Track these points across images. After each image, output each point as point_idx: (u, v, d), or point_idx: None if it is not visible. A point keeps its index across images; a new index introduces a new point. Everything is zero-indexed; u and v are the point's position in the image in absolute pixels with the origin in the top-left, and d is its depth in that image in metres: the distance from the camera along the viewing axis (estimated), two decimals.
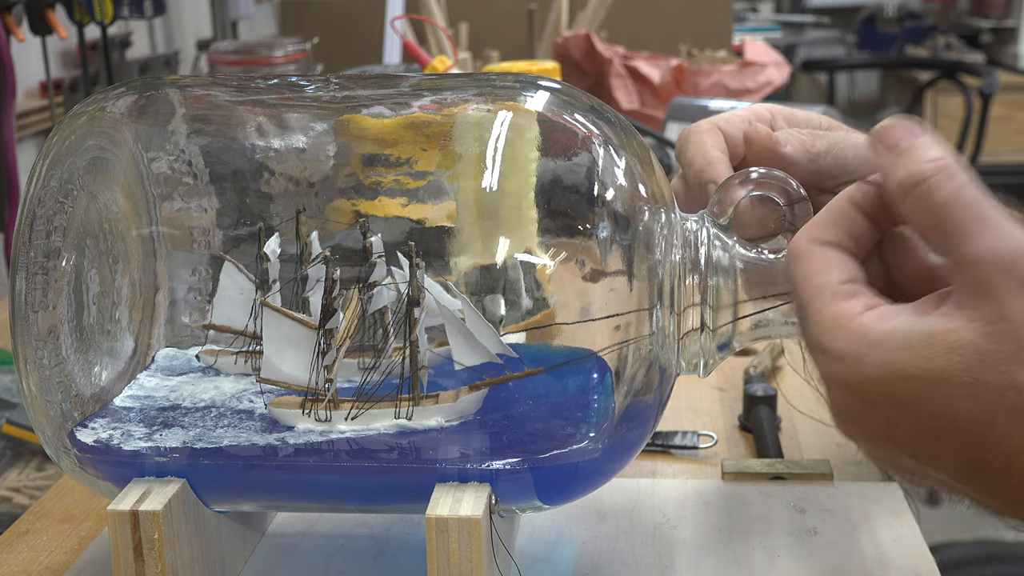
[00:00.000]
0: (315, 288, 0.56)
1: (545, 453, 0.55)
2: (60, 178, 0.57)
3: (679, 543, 0.64)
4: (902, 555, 0.62)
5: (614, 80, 1.64)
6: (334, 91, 0.62)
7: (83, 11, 1.39)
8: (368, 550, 0.64)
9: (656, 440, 0.76)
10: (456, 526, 0.52)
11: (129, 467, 0.56)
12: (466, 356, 0.55)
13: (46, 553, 0.65)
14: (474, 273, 0.56)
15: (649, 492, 0.70)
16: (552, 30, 1.79)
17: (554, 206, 0.56)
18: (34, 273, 0.56)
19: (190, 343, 0.61)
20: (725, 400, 0.84)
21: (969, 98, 3.28)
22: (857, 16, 4.86)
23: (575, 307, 0.55)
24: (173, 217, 0.61)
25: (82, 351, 0.58)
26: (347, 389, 0.57)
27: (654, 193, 0.56)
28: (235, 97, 0.63)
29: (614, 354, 0.54)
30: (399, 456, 0.55)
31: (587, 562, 0.63)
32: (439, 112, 0.60)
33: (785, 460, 0.73)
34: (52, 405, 0.57)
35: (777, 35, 3.72)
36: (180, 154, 0.60)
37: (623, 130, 0.57)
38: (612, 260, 0.54)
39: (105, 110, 0.60)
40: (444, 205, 0.58)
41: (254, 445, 0.56)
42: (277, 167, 0.59)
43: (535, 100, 0.58)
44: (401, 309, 0.55)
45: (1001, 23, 4.67)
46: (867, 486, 0.69)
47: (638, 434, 0.56)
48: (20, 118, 1.39)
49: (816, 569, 0.61)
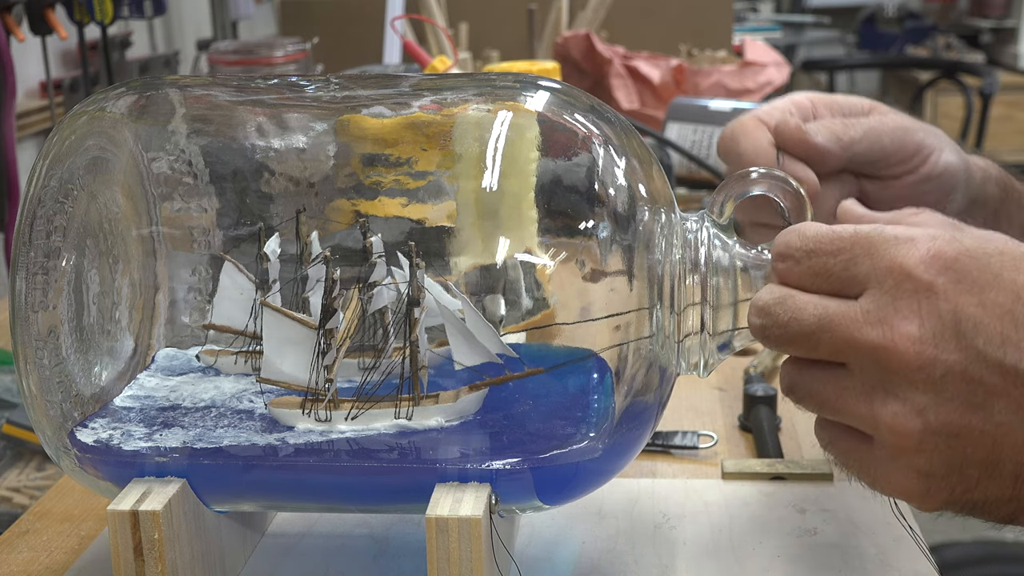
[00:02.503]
0: (315, 288, 0.56)
1: (545, 453, 0.55)
2: (60, 178, 0.57)
3: (679, 543, 0.64)
4: (902, 555, 0.62)
5: (614, 80, 1.64)
6: (334, 91, 0.62)
7: (83, 11, 1.39)
8: (368, 550, 0.64)
9: (656, 440, 0.76)
10: (456, 526, 0.52)
11: (129, 467, 0.56)
12: (466, 356, 0.55)
13: (46, 553, 0.65)
14: (474, 273, 0.56)
15: (649, 492, 0.70)
16: (552, 30, 1.79)
17: (554, 206, 0.56)
18: (34, 273, 0.56)
19: (190, 343, 0.61)
20: (725, 400, 0.84)
21: (969, 98, 3.28)
22: (857, 16, 4.86)
23: (575, 307, 0.55)
24: (173, 217, 0.61)
25: (82, 351, 0.58)
26: (347, 389, 0.57)
27: (654, 193, 0.56)
28: (235, 97, 0.63)
29: (614, 354, 0.54)
30: (399, 456, 0.55)
31: (587, 562, 0.63)
32: (439, 112, 0.60)
33: (785, 460, 0.72)
34: (52, 405, 0.57)
35: (777, 35, 3.73)
36: (180, 154, 0.60)
37: (623, 130, 0.57)
38: (612, 260, 0.54)
39: (105, 110, 0.60)
40: (444, 205, 0.58)
41: (254, 445, 0.56)
42: (277, 167, 0.59)
43: (535, 100, 0.58)
44: (401, 309, 0.55)
45: (1001, 23, 4.67)
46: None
47: (638, 434, 0.56)
48: (20, 118, 1.39)
49: (816, 569, 0.61)
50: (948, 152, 0.63)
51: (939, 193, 0.63)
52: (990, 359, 0.44)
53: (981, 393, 0.44)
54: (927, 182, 0.63)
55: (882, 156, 0.61)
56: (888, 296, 0.45)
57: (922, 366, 0.45)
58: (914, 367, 0.45)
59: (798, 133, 0.60)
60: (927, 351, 0.45)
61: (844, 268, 0.47)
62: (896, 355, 0.45)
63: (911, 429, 0.45)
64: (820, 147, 0.60)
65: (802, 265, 0.48)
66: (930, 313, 0.45)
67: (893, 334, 0.45)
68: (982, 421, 0.45)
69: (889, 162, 0.62)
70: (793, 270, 0.49)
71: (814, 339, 0.47)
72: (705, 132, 1.36)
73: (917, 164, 0.62)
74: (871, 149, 0.61)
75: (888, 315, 0.45)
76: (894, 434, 0.46)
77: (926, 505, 0.48)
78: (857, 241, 0.47)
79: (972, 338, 0.44)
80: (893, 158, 0.62)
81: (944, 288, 0.45)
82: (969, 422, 0.45)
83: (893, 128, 0.62)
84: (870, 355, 0.46)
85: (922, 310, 0.45)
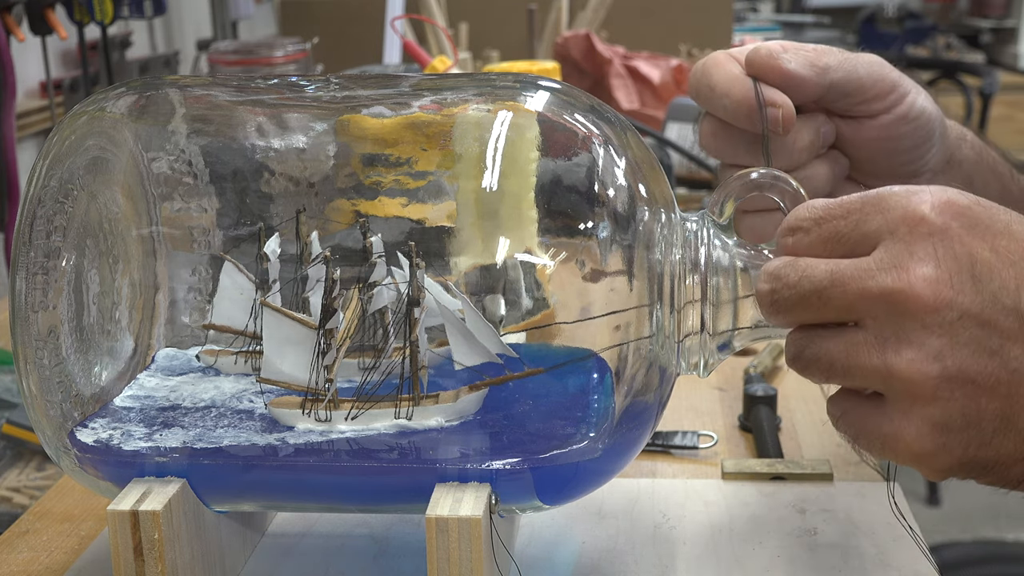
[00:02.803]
0: (315, 288, 0.56)
1: (545, 453, 0.55)
2: (60, 178, 0.57)
3: (679, 543, 0.64)
4: (902, 555, 0.62)
5: (614, 80, 1.64)
6: (334, 91, 0.62)
7: (83, 11, 1.39)
8: (368, 550, 0.64)
9: (656, 440, 0.76)
10: (456, 526, 0.52)
11: (129, 467, 0.56)
12: (466, 356, 0.55)
13: (46, 553, 0.65)
14: (474, 273, 0.56)
15: (649, 492, 0.70)
16: (552, 30, 1.79)
17: (554, 206, 0.56)
18: (34, 273, 0.56)
19: (190, 343, 0.61)
20: (725, 400, 0.84)
21: (969, 98, 3.28)
22: (857, 16, 4.86)
23: (575, 307, 0.55)
24: (173, 217, 0.61)
25: (82, 351, 0.58)
26: (347, 389, 0.57)
27: (654, 193, 0.56)
28: (235, 97, 0.63)
29: (614, 354, 0.54)
30: (399, 456, 0.55)
31: (587, 562, 0.63)
32: (439, 112, 0.60)
33: (785, 460, 0.72)
34: (52, 405, 0.57)
35: (777, 35, 3.72)
36: (180, 154, 0.60)
37: (623, 130, 0.57)
38: (612, 260, 0.54)
39: (105, 110, 0.60)
40: (444, 205, 0.58)
41: (254, 445, 0.56)
42: (277, 167, 0.59)
43: (535, 100, 0.58)
44: (401, 309, 0.55)
45: (1001, 23, 4.67)
46: (867, 486, 0.69)
47: (638, 434, 0.56)
48: (20, 118, 1.39)
49: (816, 569, 0.61)
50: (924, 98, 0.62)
51: (916, 138, 0.61)
52: (1006, 304, 0.44)
53: (996, 338, 0.44)
54: (904, 123, 0.61)
55: (858, 88, 0.59)
56: (903, 243, 0.45)
57: (938, 307, 0.44)
58: (931, 308, 0.44)
59: (771, 60, 0.58)
60: (944, 292, 0.44)
61: (855, 227, 0.47)
62: (913, 297, 0.44)
63: (927, 375, 0.45)
64: (794, 73, 0.58)
65: (812, 234, 0.48)
66: (946, 255, 0.44)
67: (909, 276, 0.45)
68: (998, 368, 0.44)
69: (866, 95, 0.60)
70: (803, 241, 0.48)
71: (825, 296, 0.46)
72: None
73: (894, 102, 0.60)
74: (847, 79, 0.59)
75: (903, 259, 0.45)
76: (909, 382, 0.45)
77: (939, 463, 0.46)
78: (867, 200, 0.47)
79: (987, 282, 0.44)
80: (870, 91, 0.60)
81: (959, 232, 0.45)
82: (985, 367, 0.44)
83: (869, 61, 0.60)
84: (884, 302, 0.45)
85: (938, 252, 0.45)
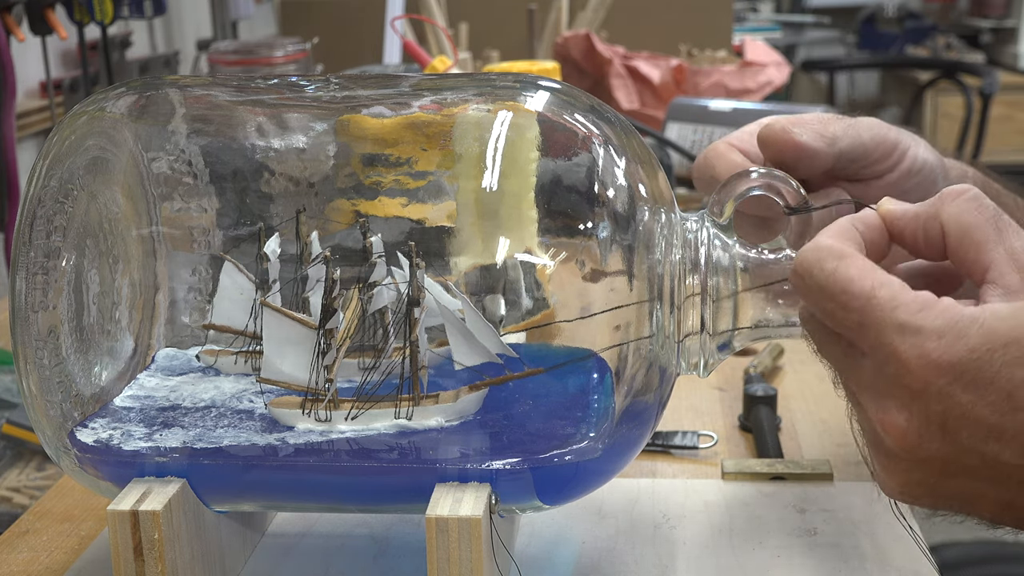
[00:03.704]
0: (315, 288, 0.56)
1: (545, 453, 0.55)
2: (60, 178, 0.57)
3: (679, 543, 0.64)
4: (902, 555, 0.62)
5: (614, 80, 1.64)
6: (334, 91, 0.62)
7: (83, 11, 1.39)
8: (368, 550, 0.64)
9: (656, 440, 0.76)
10: (456, 526, 0.52)
11: (129, 467, 0.56)
12: (466, 356, 0.55)
13: (46, 553, 0.65)
14: (474, 273, 0.56)
15: (649, 492, 0.70)
16: (552, 30, 1.79)
17: (554, 206, 0.56)
18: (34, 273, 0.56)
19: (190, 343, 0.61)
20: (725, 400, 0.84)
21: (969, 98, 3.28)
22: (857, 16, 4.86)
23: (575, 307, 0.55)
24: (173, 217, 0.61)
25: (82, 351, 0.58)
26: (347, 389, 0.57)
27: (654, 193, 0.56)
28: (235, 97, 0.63)
29: (614, 354, 0.54)
30: (399, 456, 0.55)
31: (587, 562, 0.63)
32: (439, 112, 0.60)
33: (785, 460, 0.72)
34: (52, 405, 0.57)
35: (777, 35, 3.73)
36: (180, 154, 0.60)
37: (623, 130, 0.57)
38: (612, 260, 0.54)
39: (105, 110, 0.60)
40: (444, 205, 0.58)
41: (254, 445, 0.56)
42: (277, 167, 0.59)
43: (535, 100, 0.58)
44: (401, 309, 0.55)
45: (1001, 23, 4.67)
46: (867, 486, 0.69)
47: (638, 434, 0.56)
48: (20, 118, 1.39)
49: (816, 569, 0.61)
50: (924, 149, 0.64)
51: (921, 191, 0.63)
52: (973, 449, 0.46)
53: (956, 468, 0.47)
54: (908, 179, 0.62)
55: (863, 153, 0.61)
56: (886, 381, 0.47)
57: (905, 448, 0.47)
58: (897, 447, 0.47)
59: (784, 134, 0.60)
60: (911, 439, 0.47)
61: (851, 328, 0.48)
62: (882, 431, 0.47)
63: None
64: (807, 146, 0.60)
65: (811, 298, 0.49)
66: (919, 412, 0.46)
67: (883, 416, 0.47)
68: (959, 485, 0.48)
69: (871, 159, 0.61)
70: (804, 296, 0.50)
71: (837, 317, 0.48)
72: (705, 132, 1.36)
73: (897, 160, 0.62)
74: (853, 146, 0.61)
75: (882, 394, 0.47)
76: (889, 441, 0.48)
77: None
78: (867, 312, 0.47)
79: (956, 432, 0.46)
80: (874, 154, 0.61)
81: (938, 390, 0.45)
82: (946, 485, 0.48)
83: (869, 125, 0.62)
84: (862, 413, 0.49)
85: (912, 407, 0.46)
